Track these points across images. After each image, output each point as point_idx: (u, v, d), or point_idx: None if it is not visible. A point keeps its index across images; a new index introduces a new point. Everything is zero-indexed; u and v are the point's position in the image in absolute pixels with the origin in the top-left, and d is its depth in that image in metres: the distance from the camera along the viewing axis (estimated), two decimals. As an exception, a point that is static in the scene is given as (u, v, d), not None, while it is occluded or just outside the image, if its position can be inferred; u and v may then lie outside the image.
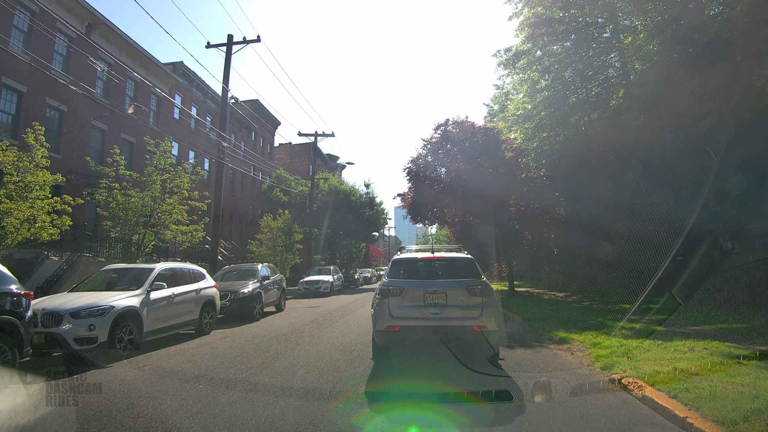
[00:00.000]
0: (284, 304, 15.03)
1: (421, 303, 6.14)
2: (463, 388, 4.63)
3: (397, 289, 6.27)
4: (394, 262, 7.12)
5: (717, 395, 4.03)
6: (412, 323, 6.10)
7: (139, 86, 21.65)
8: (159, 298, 8.17)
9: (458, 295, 6.14)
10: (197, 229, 16.15)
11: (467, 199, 17.32)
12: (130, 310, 7.43)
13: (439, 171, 18.70)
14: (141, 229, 15.58)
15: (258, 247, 21.90)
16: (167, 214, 15.61)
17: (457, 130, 17.84)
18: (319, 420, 4.03)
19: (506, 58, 18.43)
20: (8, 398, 2.97)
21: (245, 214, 33.22)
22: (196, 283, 9.56)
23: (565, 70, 15.69)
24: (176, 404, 4.48)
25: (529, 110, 17.27)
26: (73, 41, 17.89)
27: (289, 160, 46.02)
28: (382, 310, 6.18)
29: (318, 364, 6.41)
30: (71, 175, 17.75)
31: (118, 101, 20.39)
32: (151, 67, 22.42)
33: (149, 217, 15.58)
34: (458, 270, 6.68)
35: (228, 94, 16.31)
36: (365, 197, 35.04)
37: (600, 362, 5.88)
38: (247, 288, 12.05)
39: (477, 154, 17.39)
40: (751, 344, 6.37)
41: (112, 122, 19.93)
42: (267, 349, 7.65)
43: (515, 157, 17.29)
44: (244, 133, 33.08)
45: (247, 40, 16.61)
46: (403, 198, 20.06)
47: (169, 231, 15.77)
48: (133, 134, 20.86)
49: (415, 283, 6.42)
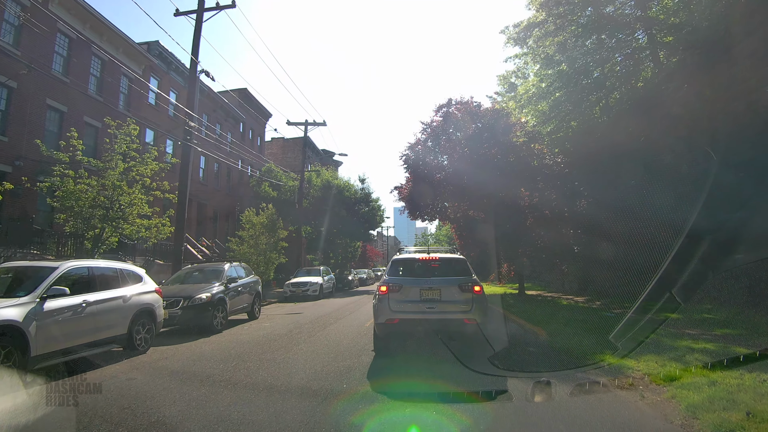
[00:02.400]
0: (259, 311, 12.82)
1: (418, 298, 6.82)
2: (463, 387, 4.61)
3: (397, 285, 6.98)
4: (394, 262, 7.95)
5: None
6: (409, 316, 6.79)
7: (107, 66, 19.45)
8: (59, 308, 5.97)
9: (451, 292, 6.84)
10: (164, 223, 13.99)
11: (472, 190, 15.13)
12: (7, 325, 5.25)
13: (440, 159, 16.52)
14: (98, 223, 13.57)
15: (238, 245, 19.67)
16: (128, 205, 13.59)
17: (460, 112, 15.65)
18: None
19: (516, 33, 16.27)
20: (8, 398, 2.78)
21: (232, 210, 30.97)
22: (125, 288, 7.36)
23: (587, 38, 13.47)
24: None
25: (543, 88, 15.08)
26: (26, 10, 15.68)
27: (282, 155, 43.75)
28: (383, 304, 6.86)
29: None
30: (20, 161, 15.60)
31: (81, 80, 18.17)
32: (121, 45, 20.20)
33: (108, 210, 13.58)
34: (452, 269, 7.36)
35: (198, 67, 14.12)
36: (360, 193, 32.77)
37: (700, 420, 3.69)
38: (205, 292, 9.83)
39: (483, 139, 15.22)
40: None
41: (73, 103, 17.71)
42: (199, 383, 5.46)
43: (527, 143, 15.11)
44: (230, 123, 30.85)
45: (220, 5, 14.46)
46: (400, 191, 17.88)
47: (128, 225, 13.63)
48: (98, 118, 18.57)
49: (412, 280, 7.11)
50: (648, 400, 4.40)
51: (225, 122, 30.06)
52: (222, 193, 30.00)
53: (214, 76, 16.16)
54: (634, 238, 11.16)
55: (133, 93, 20.90)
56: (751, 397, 4.01)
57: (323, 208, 30.09)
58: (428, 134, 16.24)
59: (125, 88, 20.90)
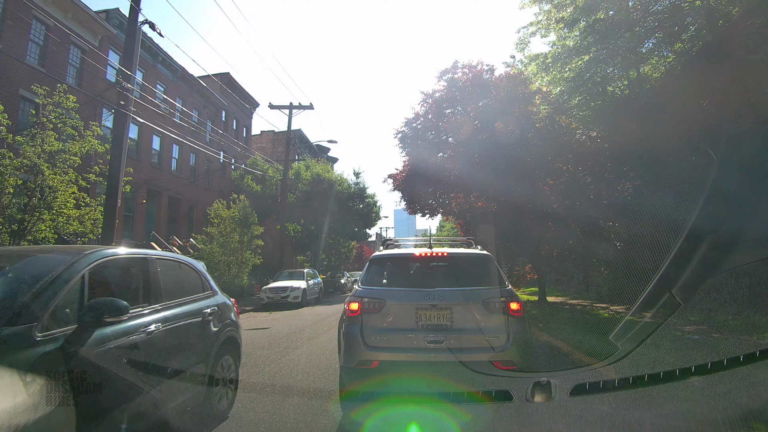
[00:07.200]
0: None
1: (413, 324, 4.13)
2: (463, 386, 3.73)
3: (376, 302, 4.22)
4: (373, 261, 4.87)
5: None
6: (398, 356, 4.05)
7: (53, 32, 16.55)
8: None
9: (470, 312, 4.15)
10: (89, 212, 11.15)
11: (481, 176, 12.16)
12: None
13: (444, 137, 13.52)
14: (17, 213, 11.04)
15: (207, 244, 16.68)
16: (51, 191, 11.03)
17: (468, 77, 12.68)
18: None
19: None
20: (8, 398, 2.30)
21: (211, 207, 27.97)
22: None
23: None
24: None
25: (570, 47, 12.12)
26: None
27: (272, 149, 40.82)
28: (352, 335, 4.16)
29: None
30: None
31: (16, 47, 15.28)
32: (70, 9, 17.30)
33: (30, 197, 11.01)
34: (469, 273, 4.60)
35: (139, 17, 11.17)
36: (355, 188, 29.79)
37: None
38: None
39: (497, 111, 12.27)
40: None
41: (5, 73, 14.84)
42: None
43: (552, 115, 12.15)
44: (210, 110, 27.91)
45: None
46: (395, 178, 14.89)
47: (48, 213, 10.95)
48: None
49: (403, 293, 4.41)
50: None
51: (204, 109, 27.11)
52: (200, 188, 27.03)
53: (161, 31, 13.10)
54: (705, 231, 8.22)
55: (87, 66, 18.00)
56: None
57: (313, 204, 27.10)
58: (429, 106, 13.25)
59: (76, 60, 17.99)
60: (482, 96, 13.19)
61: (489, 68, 12.92)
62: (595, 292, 14.06)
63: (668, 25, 10.18)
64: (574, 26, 12.35)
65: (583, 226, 11.24)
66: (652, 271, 10.07)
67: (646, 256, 10.20)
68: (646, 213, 10.02)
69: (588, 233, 11.17)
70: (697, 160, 9.87)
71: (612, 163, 10.73)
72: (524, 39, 13.88)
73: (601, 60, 11.17)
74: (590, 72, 11.25)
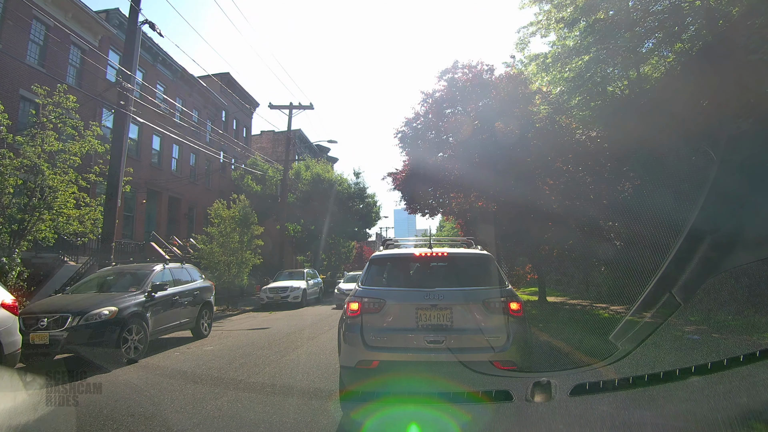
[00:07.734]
0: (208, 327, 9.79)
1: (413, 324, 4.16)
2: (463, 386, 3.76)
3: (376, 302, 4.26)
4: (373, 262, 4.92)
5: None
6: (397, 356, 4.09)
7: (52, 32, 16.55)
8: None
9: (470, 312, 4.21)
10: (89, 212, 11.15)
11: (482, 176, 12.16)
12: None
13: (444, 137, 13.52)
14: (17, 213, 11.12)
15: (206, 244, 16.68)
16: (51, 191, 11.10)
17: (468, 77, 12.67)
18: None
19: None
20: (8, 398, 2.56)
21: (211, 207, 27.95)
22: None
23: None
24: None
25: (570, 47, 12.12)
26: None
27: (273, 149, 40.80)
28: (352, 335, 4.19)
29: None
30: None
31: (16, 47, 15.28)
32: (70, 9, 17.29)
33: (31, 197, 11.09)
34: (470, 273, 4.65)
35: (139, 17, 11.18)
36: (355, 188, 29.75)
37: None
38: (112, 305, 6.80)
39: (497, 111, 12.26)
40: None
41: (4, 73, 14.84)
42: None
43: (552, 115, 12.14)
44: (210, 110, 27.90)
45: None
46: (395, 177, 14.89)
47: (48, 213, 10.98)
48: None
49: (403, 293, 4.48)
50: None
51: (204, 109, 27.10)
52: (200, 188, 27.02)
53: (161, 31, 13.06)
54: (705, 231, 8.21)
55: (87, 66, 17.99)
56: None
57: (313, 204, 27.08)
58: (429, 106, 13.25)
59: (77, 60, 17.99)
60: (482, 96, 13.20)
61: (489, 68, 12.94)
62: (595, 292, 14.07)
63: (668, 25, 10.20)
64: (574, 26, 12.38)
65: (583, 226, 11.24)
66: (652, 271, 10.07)
67: (646, 256, 10.18)
68: (646, 213, 10.01)
69: (588, 233, 11.17)
70: (697, 160, 9.86)
71: (612, 163, 10.74)
72: (524, 39, 13.90)
73: (601, 60, 11.17)
74: (590, 72, 11.26)
